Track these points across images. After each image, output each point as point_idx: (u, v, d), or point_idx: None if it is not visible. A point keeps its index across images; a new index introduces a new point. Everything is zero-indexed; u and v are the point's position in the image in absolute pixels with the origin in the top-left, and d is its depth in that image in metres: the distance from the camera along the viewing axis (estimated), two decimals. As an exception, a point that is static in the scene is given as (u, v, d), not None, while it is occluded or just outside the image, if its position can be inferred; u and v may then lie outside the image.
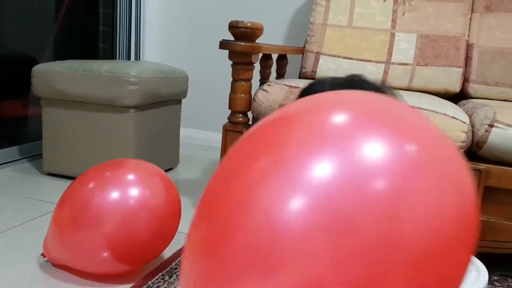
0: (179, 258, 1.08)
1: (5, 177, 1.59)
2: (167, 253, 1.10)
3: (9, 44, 1.86)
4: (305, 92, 0.70)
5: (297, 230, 0.35)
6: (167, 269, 1.02)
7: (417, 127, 0.42)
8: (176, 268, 1.04)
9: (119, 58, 2.19)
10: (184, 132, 2.20)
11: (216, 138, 2.24)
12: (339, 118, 0.40)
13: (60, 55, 2.04)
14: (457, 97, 1.52)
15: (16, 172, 1.65)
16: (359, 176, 0.36)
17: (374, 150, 0.37)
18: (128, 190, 0.94)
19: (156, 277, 0.99)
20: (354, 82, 0.66)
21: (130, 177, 0.96)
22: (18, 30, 1.85)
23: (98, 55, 2.24)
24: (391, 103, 0.44)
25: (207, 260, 0.40)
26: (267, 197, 0.37)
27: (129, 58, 2.18)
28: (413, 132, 0.41)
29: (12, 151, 1.75)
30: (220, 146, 2.18)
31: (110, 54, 2.24)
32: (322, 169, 0.37)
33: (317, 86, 0.68)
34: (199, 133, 2.33)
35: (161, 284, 0.96)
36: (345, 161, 0.37)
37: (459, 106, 1.37)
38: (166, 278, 0.99)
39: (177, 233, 1.02)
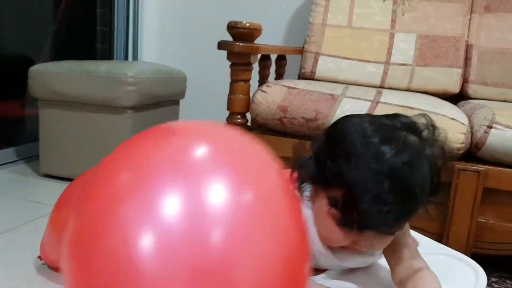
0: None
1: (1, 178, 1.58)
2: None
3: (6, 44, 1.85)
4: (331, 129, 0.58)
5: (149, 275, 0.37)
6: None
7: (261, 178, 0.44)
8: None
9: (116, 58, 2.18)
10: (183, 132, 2.20)
11: (215, 138, 2.23)
12: (198, 153, 0.43)
13: (58, 55, 2.03)
14: (457, 97, 1.52)
15: (12, 174, 1.64)
16: (200, 230, 0.38)
17: (217, 198, 0.39)
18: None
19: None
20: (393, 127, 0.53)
21: (128, 179, 0.96)
22: (17, 30, 1.85)
23: (96, 55, 2.23)
24: (249, 148, 0.47)
25: (78, 263, 0.43)
26: (123, 222, 0.40)
27: (126, 58, 2.17)
28: (255, 186, 0.43)
29: (8, 153, 1.74)
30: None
31: (108, 54, 2.23)
32: (171, 206, 0.39)
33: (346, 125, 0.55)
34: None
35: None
36: (190, 205, 0.39)
37: (458, 106, 1.36)
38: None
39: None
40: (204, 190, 0.40)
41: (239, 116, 1.29)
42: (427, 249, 0.73)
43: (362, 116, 0.55)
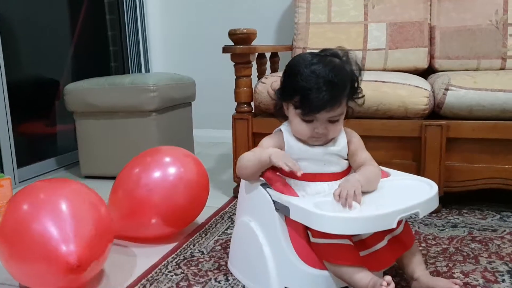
0: (210, 222, 1.35)
1: (49, 183, 1.85)
2: (200, 219, 1.36)
3: (34, 71, 2.12)
4: (289, 66, 0.91)
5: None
6: (203, 230, 1.29)
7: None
8: (209, 229, 1.30)
9: (131, 72, 2.45)
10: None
11: (220, 135, 2.51)
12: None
13: (77, 75, 2.28)
14: (427, 71, 1.79)
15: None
16: (64, 225, 0.93)
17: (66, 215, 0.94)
18: (167, 168, 1.21)
19: (195, 235, 1.25)
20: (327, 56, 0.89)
21: (168, 159, 1.23)
22: (43, 56, 2.12)
23: (111, 72, 2.51)
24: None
25: (9, 245, 0.91)
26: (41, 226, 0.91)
27: (140, 71, 2.45)
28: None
29: (50, 162, 2.01)
30: (224, 141, 2.45)
31: (121, 71, 2.51)
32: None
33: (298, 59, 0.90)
34: (206, 131, 2.60)
35: (200, 240, 1.23)
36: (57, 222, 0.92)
37: (428, 79, 1.63)
38: (203, 235, 1.25)
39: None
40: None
41: (245, 105, 1.56)
42: (397, 176, 1.00)
43: (305, 53, 0.92)
